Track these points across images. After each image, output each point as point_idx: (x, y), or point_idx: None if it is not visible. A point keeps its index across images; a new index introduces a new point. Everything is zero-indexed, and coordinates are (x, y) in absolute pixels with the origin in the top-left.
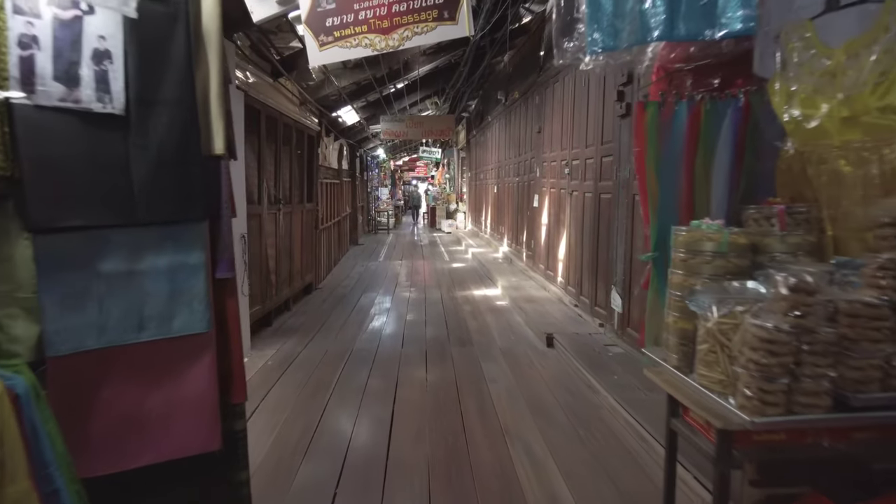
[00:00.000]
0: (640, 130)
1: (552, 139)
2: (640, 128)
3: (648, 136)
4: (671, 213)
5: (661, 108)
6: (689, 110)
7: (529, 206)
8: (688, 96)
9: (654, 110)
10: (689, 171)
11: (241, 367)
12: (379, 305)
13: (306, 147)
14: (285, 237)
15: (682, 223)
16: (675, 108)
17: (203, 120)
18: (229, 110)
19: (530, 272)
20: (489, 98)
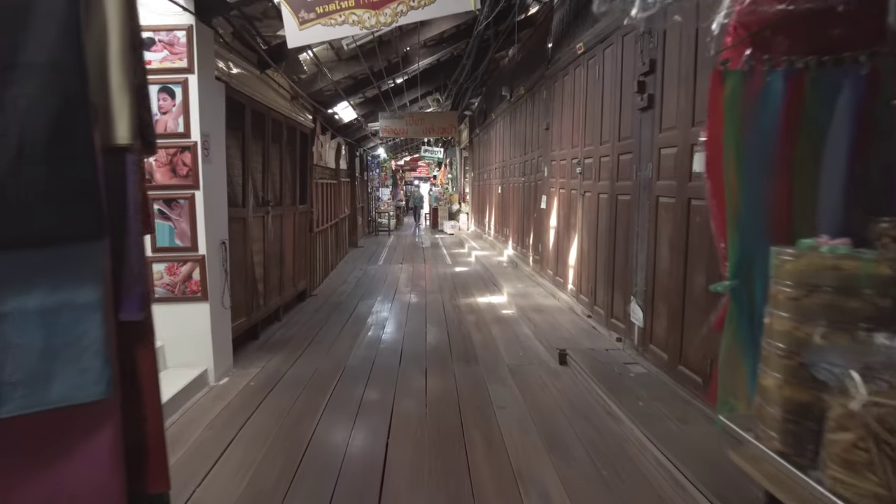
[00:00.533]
0: (715, 110)
1: (562, 136)
2: (715, 106)
3: (728, 117)
4: (758, 224)
5: (747, 78)
6: (786, 81)
7: (536, 208)
8: (784, 62)
9: (736, 82)
10: (787, 165)
11: (160, 443)
12: (376, 314)
13: (299, 145)
14: (275, 242)
15: (776, 239)
16: (766, 78)
17: (99, 96)
18: (142, 84)
19: (538, 278)
20: (493, 95)
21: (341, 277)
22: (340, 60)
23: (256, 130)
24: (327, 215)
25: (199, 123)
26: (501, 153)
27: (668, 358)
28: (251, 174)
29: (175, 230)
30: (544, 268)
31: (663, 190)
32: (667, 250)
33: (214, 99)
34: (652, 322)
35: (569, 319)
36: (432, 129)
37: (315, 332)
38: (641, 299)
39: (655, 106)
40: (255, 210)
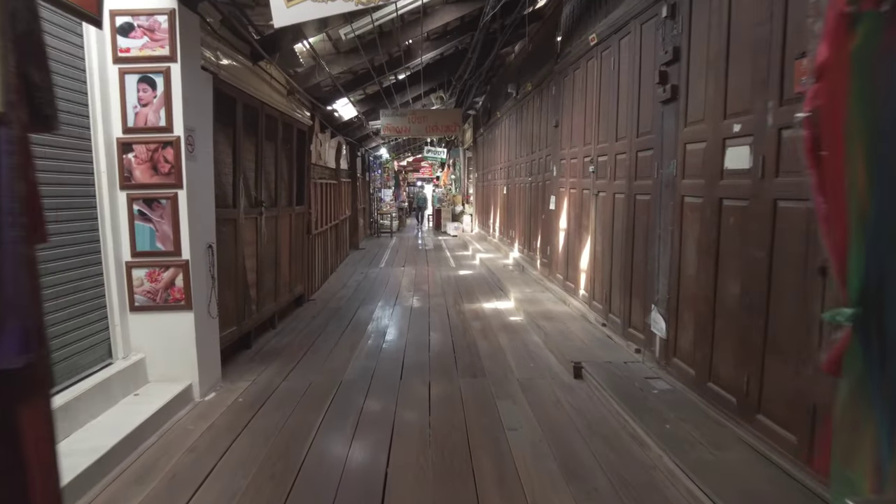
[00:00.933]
0: (835, 71)
1: (572, 134)
2: (835, 65)
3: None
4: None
5: (890, 23)
6: None
7: (545, 209)
8: None
9: (872, 29)
10: None
11: None
12: (377, 321)
13: (296, 143)
14: (269, 245)
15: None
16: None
17: None
18: (28, 32)
19: (546, 282)
20: (498, 93)
21: (341, 281)
22: (339, 53)
23: (249, 126)
24: (327, 217)
25: (182, 117)
26: (507, 153)
27: (696, 374)
28: (243, 173)
29: (156, 233)
30: (553, 272)
31: (690, 189)
32: (694, 254)
33: (200, 91)
34: (676, 333)
35: (581, 328)
36: (436, 128)
37: (312, 341)
38: (664, 308)
39: (680, 98)
40: (246, 211)
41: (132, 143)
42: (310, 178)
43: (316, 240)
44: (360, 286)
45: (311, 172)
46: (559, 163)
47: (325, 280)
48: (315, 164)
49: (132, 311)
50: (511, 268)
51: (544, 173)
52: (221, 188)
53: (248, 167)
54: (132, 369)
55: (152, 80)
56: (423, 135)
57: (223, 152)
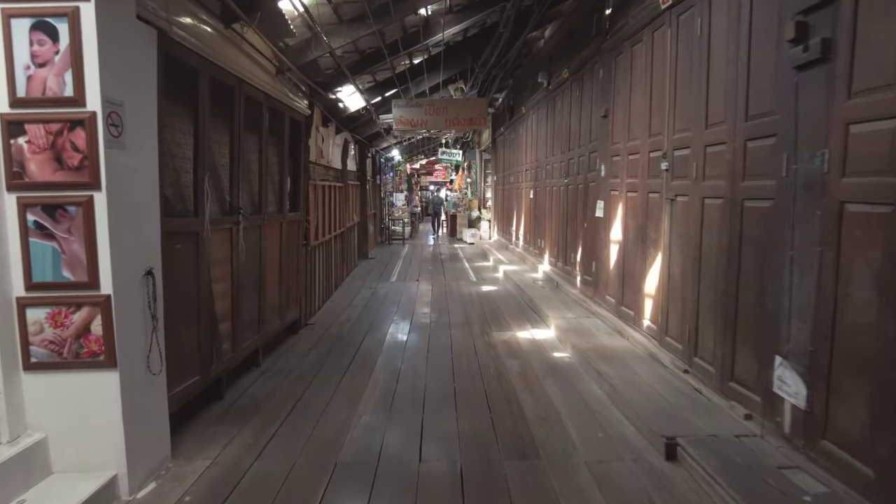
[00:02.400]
0: None
1: (630, 123)
2: None
3: None
4: None
5: None
6: None
7: (588, 216)
8: None
9: None
10: None
11: None
12: (386, 358)
13: (288, 135)
14: (251, 262)
15: None
16: None
17: None
18: None
19: (590, 304)
20: (522, 86)
21: (346, 299)
22: (342, 22)
23: (220, 110)
24: (330, 224)
25: (99, 83)
26: (534, 152)
27: (875, 474)
28: (210, 170)
29: (62, 255)
30: (601, 292)
31: (857, 192)
32: (867, 291)
33: (134, 49)
34: (827, 404)
35: (654, 374)
36: (457, 121)
37: (303, 388)
38: (801, 364)
39: (836, 57)
40: (216, 221)
41: (23, 120)
42: (307, 178)
43: (316, 252)
44: (367, 306)
45: (309, 172)
46: (609, 160)
47: (327, 298)
48: (316, 162)
49: (27, 369)
50: (541, 283)
51: (587, 173)
52: (176, 190)
53: (220, 163)
54: (25, 456)
55: (52, 27)
56: (441, 129)
57: (179, 142)
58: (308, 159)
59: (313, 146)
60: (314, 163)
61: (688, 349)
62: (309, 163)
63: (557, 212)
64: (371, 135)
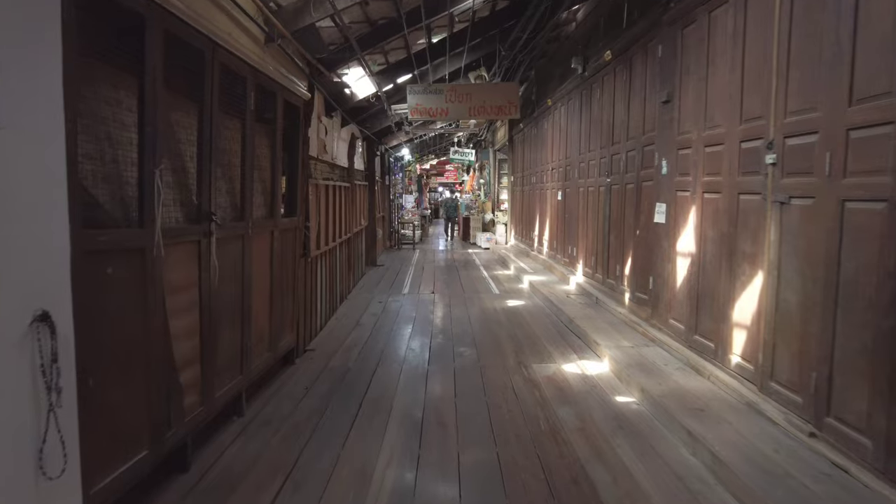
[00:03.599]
0: None
1: (707, 107)
2: None
3: None
4: None
5: None
6: None
7: (642, 221)
8: None
9: None
10: None
11: None
12: (404, 404)
13: (281, 121)
14: (230, 284)
15: None
16: None
17: None
18: None
19: (646, 328)
20: (547, 77)
21: (353, 316)
22: None
23: (185, 80)
24: (336, 230)
25: None
26: (563, 148)
27: None
28: (170, 161)
29: None
30: (661, 314)
31: None
32: None
33: None
34: None
35: (763, 434)
36: (483, 109)
37: (297, 450)
38: None
39: None
40: (175, 231)
41: None
42: (307, 176)
43: (318, 263)
44: (377, 325)
45: (309, 169)
46: (674, 155)
47: (331, 314)
48: (318, 158)
49: None
50: (575, 297)
51: (639, 171)
52: (113, 188)
53: (184, 152)
54: None
55: None
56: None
57: (125, 122)
58: (308, 153)
59: (314, 138)
60: (316, 158)
61: (814, 404)
62: (309, 158)
63: (595, 216)
64: (381, 130)
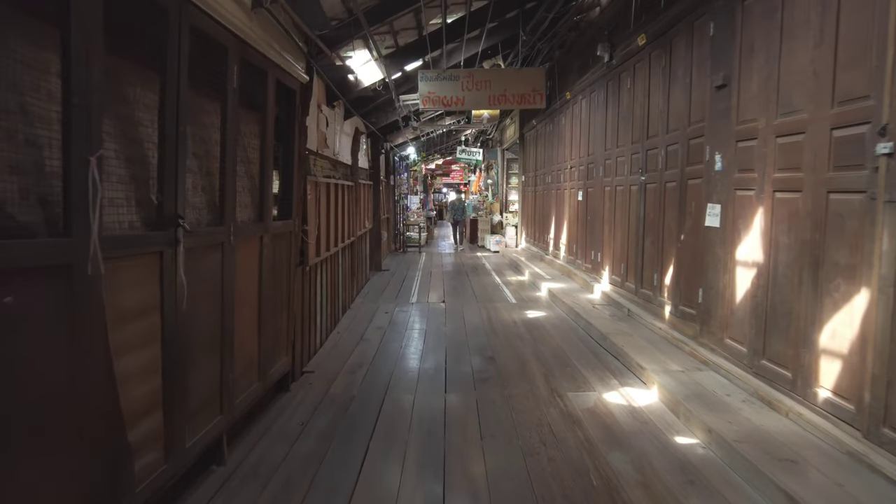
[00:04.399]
0: None
1: (780, 90)
2: None
3: None
4: None
5: None
6: None
7: (687, 225)
8: None
9: None
10: None
11: None
12: (417, 446)
13: (272, 106)
14: (205, 305)
15: None
16: None
17: None
18: None
19: (695, 347)
20: (565, 69)
21: (357, 330)
22: None
23: (136, 42)
24: (338, 233)
25: None
26: (584, 145)
27: None
28: (112, 144)
29: None
30: (714, 332)
31: None
32: None
33: None
34: None
35: (887, 501)
36: (504, 97)
37: None
38: None
39: None
40: (128, 241)
41: None
42: (304, 172)
43: (318, 272)
44: (384, 341)
45: (307, 164)
46: (732, 147)
47: (333, 327)
48: (318, 153)
49: None
50: (601, 307)
51: (683, 167)
52: (15, 180)
53: (143, 138)
54: None
55: None
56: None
57: (28, 87)
58: (305, 146)
59: (313, 129)
60: (315, 153)
61: None
62: (307, 151)
63: (625, 218)
64: (387, 126)
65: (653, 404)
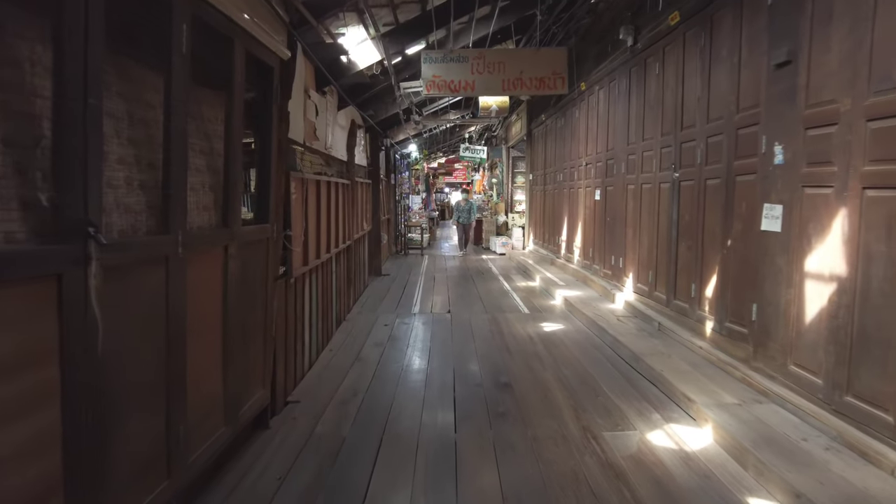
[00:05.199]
0: None
1: (875, 63)
2: None
3: None
4: None
5: None
6: None
7: (734, 229)
8: None
9: None
10: None
11: None
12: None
13: (241, 82)
14: (138, 342)
15: None
16: None
17: None
18: None
19: (747, 371)
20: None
21: (352, 346)
22: None
23: None
24: (332, 237)
25: None
26: (603, 139)
27: None
28: None
29: None
30: (773, 356)
31: None
32: None
33: None
34: None
35: None
36: (520, 82)
37: None
38: None
39: None
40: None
41: None
42: (286, 166)
43: (306, 282)
44: (383, 362)
45: (289, 157)
46: (798, 136)
47: (325, 344)
48: (307, 145)
49: None
50: (626, 320)
51: (729, 161)
52: None
53: (36, 113)
54: None
55: None
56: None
57: None
58: (287, 135)
59: (298, 117)
60: (303, 145)
61: None
62: (291, 142)
63: (652, 219)
64: (386, 119)
65: (709, 448)
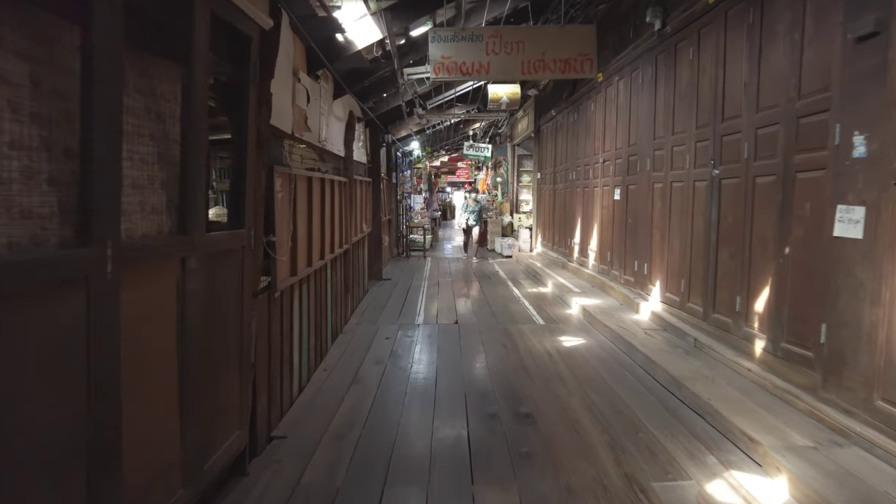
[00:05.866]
0: None
1: None
2: None
3: None
4: None
5: None
6: None
7: (796, 234)
8: None
9: None
10: None
11: None
12: None
13: (204, 53)
14: (40, 402)
15: None
16: None
17: None
18: None
19: (815, 403)
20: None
21: (350, 365)
22: None
23: None
24: (325, 242)
25: None
26: (624, 133)
27: None
28: None
29: None
30: (854, 388)
31: None
32: None
33: None
34: None
35: None
36: (542, 64)
37: None
38: None
39: None
40: None
41: None
42: (263, 158)
43: (295, 295)
44: (384, 385)
45: (272, 148)
46: (885, 123)
47: (319, 362)
48: (295, 135)
49: None
50: (654, 333)
51: (787, 156)
52: None
53: None
54: None
55: None
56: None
57: None
58: (268, 121)
59: (287, 102)
60: (291, 136)
61: None
62: (274, 131)
63: (685, 221)
64: (387, 113)
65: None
